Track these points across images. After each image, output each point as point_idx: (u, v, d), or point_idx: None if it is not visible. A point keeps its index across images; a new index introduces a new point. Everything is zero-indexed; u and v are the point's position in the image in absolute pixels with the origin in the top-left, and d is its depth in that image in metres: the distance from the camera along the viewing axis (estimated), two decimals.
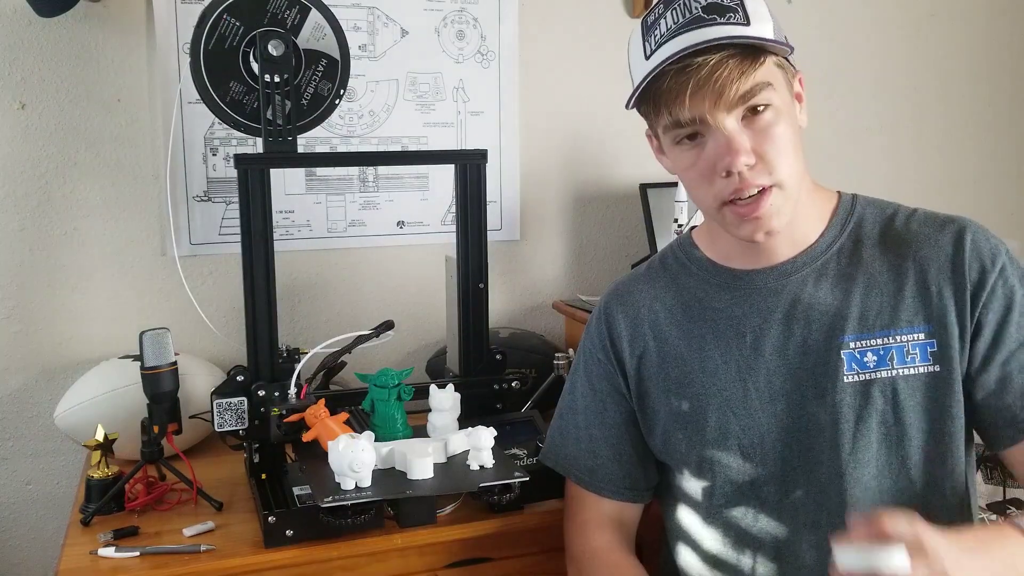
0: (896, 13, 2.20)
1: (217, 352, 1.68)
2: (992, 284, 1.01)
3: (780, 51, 0.98)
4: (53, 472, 1.66)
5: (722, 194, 0.99)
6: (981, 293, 1.01)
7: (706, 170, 0.99)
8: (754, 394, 1.06)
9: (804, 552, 1.04)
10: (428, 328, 1.84)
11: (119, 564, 1.15)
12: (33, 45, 1.58)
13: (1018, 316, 1.02)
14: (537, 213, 1.93)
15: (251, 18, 1.33)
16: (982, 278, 1.01)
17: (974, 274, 1.02)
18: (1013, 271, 1.03)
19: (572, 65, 1.92)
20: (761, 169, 0.98)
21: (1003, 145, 2.34)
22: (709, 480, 1.09)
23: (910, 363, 1.02)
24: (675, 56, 0.95)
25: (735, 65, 0.94)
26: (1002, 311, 1.01)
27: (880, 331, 1.02)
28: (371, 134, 1.79)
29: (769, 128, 0.98)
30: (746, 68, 0.95)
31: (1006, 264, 1.02)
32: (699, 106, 0.96)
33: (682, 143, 1.01)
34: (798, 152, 1.01)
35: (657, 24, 0.99)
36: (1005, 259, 1.03)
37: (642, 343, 1.14)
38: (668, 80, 0.96)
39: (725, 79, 0.94)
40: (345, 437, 1.16)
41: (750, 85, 0.95)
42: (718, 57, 0.94)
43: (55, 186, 1.61)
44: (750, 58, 0.95)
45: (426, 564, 1.23)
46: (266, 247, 1.31)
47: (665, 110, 0.98)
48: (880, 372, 1.02)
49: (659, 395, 1.13)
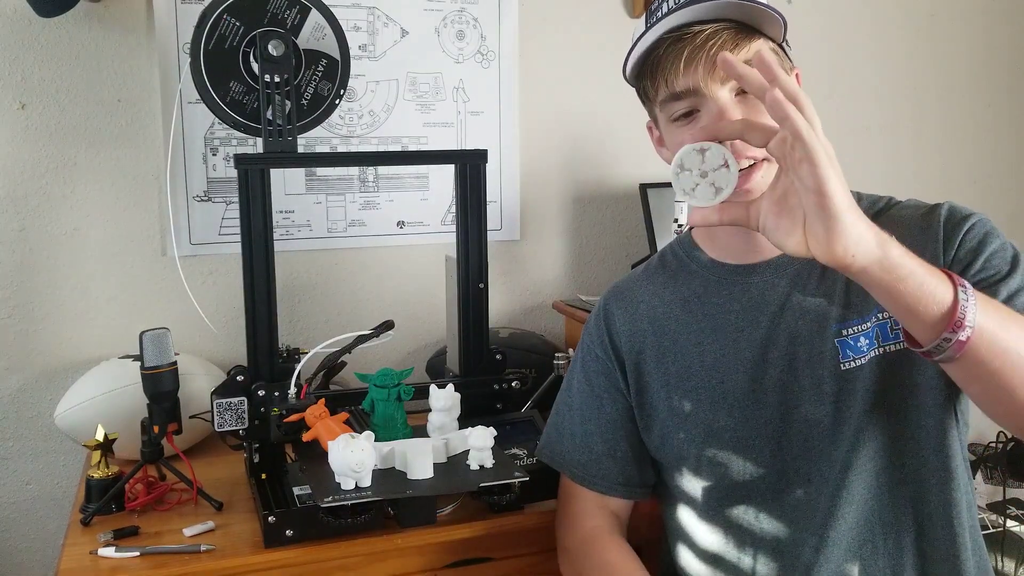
0: (896, 13, 2.20)
1: (217, 352, 1.68)
2: (963, 233, 1.00)
3: (773, 28, 1.00)
4: (53, 472, 1.66)
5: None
6: (953, 241, 1.01)
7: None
8: (752, 387, 1.06)
9: (805, 551, 1.05)
10: (428, 328, 1.85)
11: (119, 564, 1.15)
12: (33, 45, 1.58)
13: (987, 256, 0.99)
14: (537, 213, 1.93)
15: (251, 18, 1.33)
16: (954, 230, 1.01)
17: (946, 231, 1.01)
18: (984, 227, 1.02)
19: (572, 65, 1.92)
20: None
21: (1003, 145, 2.35)
22: (709, 479, 1.09)
23: (894, 339, 1.01)
24: (672, 28, 0.98)
25: (729, 36, 0.98)
26: (971, 252, 1.00)
27: (867, 313, 1.02)
28: (371, 134, 1.79)
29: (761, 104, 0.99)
30: (740, 41, 0.98)
31: (979, 221, 1.02)
32: (693, 75, 0.98)
33: (678, 120, 1.02)
34: None
35: (660, 6, 1.02)
36: (978, 219, 1.02)
37: (641, 338, 1.15)
38: (665, 48, 1.00)
39: (719, 48, 0.97)
40: (345, 437, 1.16)
41: (744, 58, 0.97)
42: (713, 27, 0.98)
43: (55, 186, 1.61)
44: (744, 34, 0.99)
45: (426, 564, 1.23)
46: (266, 247, 1.31)
47: (661, 79, 1.01)
48: (871, 353, 1.02)
49: (658, 390, 1.13)
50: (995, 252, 0.99)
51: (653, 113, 1.09)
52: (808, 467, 1.05)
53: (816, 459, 1.04)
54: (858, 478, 1.03)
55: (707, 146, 0.88)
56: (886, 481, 1.03)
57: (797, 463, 1.05)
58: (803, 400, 1.04)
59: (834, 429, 1.03)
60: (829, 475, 1.04)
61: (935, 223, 1.03)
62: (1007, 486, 1.92)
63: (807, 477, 1.05)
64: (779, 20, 1.00)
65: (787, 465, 1.05)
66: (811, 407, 1.04)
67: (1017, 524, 1.98)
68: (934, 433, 1.03)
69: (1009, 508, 1.99)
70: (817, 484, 1.04)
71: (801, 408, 1.05)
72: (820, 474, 1.04)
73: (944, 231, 1.02)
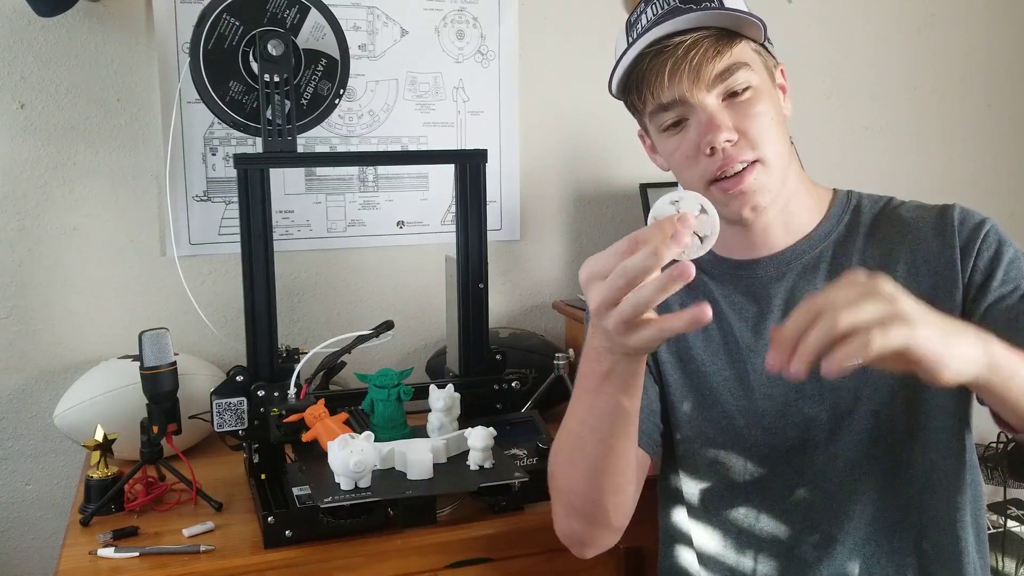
0: (896, 13, 2.20)
1: (217, 352, 1.67)
2: (980, 242, 1.02)
3: (752, 30, 1.00)
4: (53, 472, 1.66)
5: (707, 172, 1.01)
6: (971, 249, 1.02)
7: (691, 151, 1.01)
8: (752, 377, 1.06)
9: (807, 551, 1.04)
10: (428, 328, 1.84)
11: (119, 564, 1.15)
12: (33, 45, 1.58)
13: (1005, 268, 1.01)
14: (537, 213, 1.93)
15: (251, 18, 1.33)
16: (971, 237, 1.02)
17: (963, 237, 1.02)
18: (997, 234, 1.03)
19: (572, 65, 1.91)
20: (744, 145, 0.99)
21: (1003, 145, 2.34)
22: (709, 480, 1.09)
23: None
24: (652, 42, 0.98)
25: (710, 44, 0.98)
26: (990, 262, 1.01)
27: None
28: (371, 134, 1.79)
29: (749, 107, 1.00)
30: (721, 47, 0.98)
31: (992, 228, 1.03)
32: (678, 86, 0.98)
33: (668, 130, 1.03)
34: (782, 133, 1.03)
35: (638, 20, 1.02)
36: (991, 225, 1.04)
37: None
38: (646, 62, 0.99)
39: (701, 57, 0.97)
40: (345, 437, 1.16)
41: (726, 64, 0.98)
42: (693, 38, 0.98)
43: (55, 186, 1.61)
44: (725, 38, 0.99)
45: (426, 564, 1.23)
46: (266, 247, 1.31)
47: (648, 93, 1.01)
48: None
49: (668, 371, 1.12)
50: (1012, 262, 1.01)
51: (643, 123, 1.09)
52: (809, 466, 1.04)
53: (817, 458, 1.04)
54: (862, 478, 1.03)
55: (680, 195, 0.83)
56: (891, 483, 1.03)
57: (797, 462, 1.05)
58: (804, 393, 1.04)
59: (836, 428, 1.03)
60: (831, 475, 1.03)
61: (949, 228, 1.03)
62: (1007, 486, 1.92)
63: (809, 472, 1.04)
64: (758, 24, 1.00)
65: (788, 460, 1.05)
66: (812, 405, 1.04)
67: (1017, 524, 1.98)
68: (944, 437, 1.03)
69: (1009, 508, 1.99)
70: (819, 478, 1.04)
71: (802, 405, 1.04)
72: (822, 474, 1.04)
73: (960, 238, 1.03)
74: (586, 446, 0.95)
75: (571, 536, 1.06)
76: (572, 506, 1.02)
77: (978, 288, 1.01)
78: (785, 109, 1.06)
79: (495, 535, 1.26)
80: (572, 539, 1.06)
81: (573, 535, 1.05)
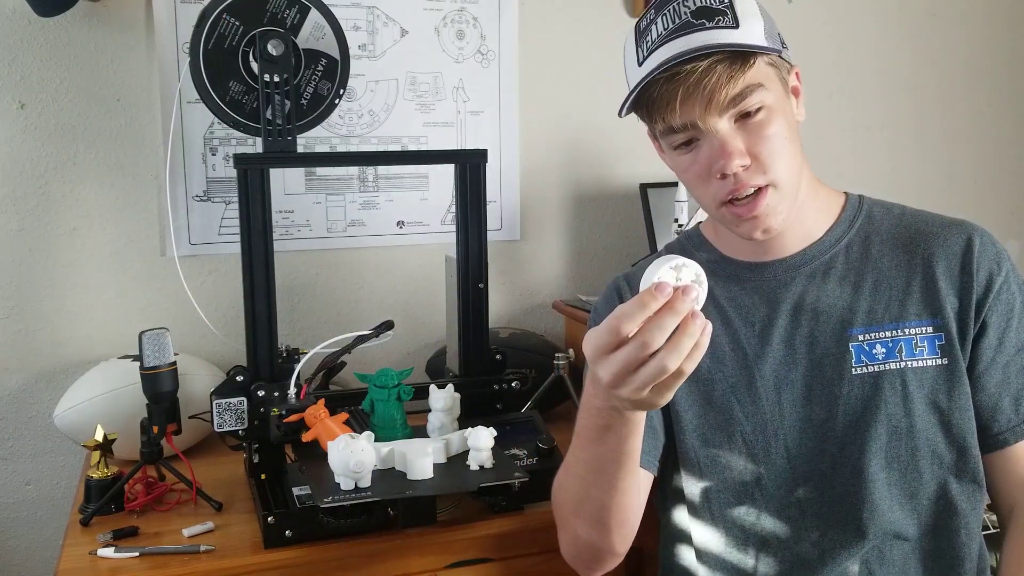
0: (896, 13, 2.19)
1: (217, 352, 1.67)
2: (998, 288, 1.03)
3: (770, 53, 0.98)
4: (53, 472, 1.65)
5: (719, 195, 1.00)
6: (988, 295, 1.03)
7: (702, 172, 1.00)
8: (759, 382, 1.06)
9: (808, 551, 1.04)
10: (428, 328, 1.84)
11: (119, 564, 1.15)
12: (33, 45, 1.57)
13: (1017, 322, 1.04)
14: (537, 213, 1.93)
15: (251, 18, 1.33)
16: (989, 282, 1.03)
17: (982, 277, 1.04)
18: (1015, 279, 1.05)
19: (572, 65, 1.91)
20: (756, 169, 0.98)
21: (1003, 145, 2.34)
22: (711, 480, 1.09)
23: (919, 355, 1.03)
24: (663, 66, 0.95)
25: (723, 70, 0.94)
26: (1006, 315, 1.04)
27: (889, 323, 1.04)
28: (371, 134, 1.79)
29: (762, 129, 0.98)
30: (735, 72, 0.95)
31: (1010, 272, 1.05)
32: (690, 112, 0.96)
33: (679, 148, 1.01)
34: (795, 149, 1.02)
35: (649, 30, 0.99)
36: (1009, 266, 1.05)
37: None
38: (658, 88, 0.96)
39: (714, 85, 0.94)
40: (345, 437, 1.16)
41: (740, 88, 0.95)
42: (706, 64, 0.94)
43: (55, 186, 1.61)
44: (739, 61, 0.95)
45: (426, 564, 1.23)
46: (266, 247, 1.31)
47: (658, 116, 0.99)
48: (889, 364, 1.03)
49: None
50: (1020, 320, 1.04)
51: (654, 133, 1.07)
52: (814, 465, 1.04)
53: (823, 456, 1.04)
54: (866, 482, 1.02)
55: (680, 262, 0.80)
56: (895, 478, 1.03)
57: (803, 459, 1.05)
58: (812, 398, 1.04)
59: (844, 433, 1.03)
60: (835, 477, 1.03)
61: (971, 256, 1.04)
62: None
63: (813, 475, 1.04)
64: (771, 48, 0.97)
65: (793, 463, 1.05)
66: (817, 407, 1.04)
67: None
68: (955, 448, 1.04)
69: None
70: (824, 482, 1.04)
71: (809, 407, 1.04)
72: (826, 471, 1.04)
73: (979, 275, 1.04)
74: (591, 489, 0.98)
75: (576, 560, 1.10)
76: (578, 538, 1.06)
77: (990, 345, 1.04)
78: (798, 115, 1.05)
79: (495, 535, 1.26)
80: (577, 563, 1.10)
81: (578, 560, 1.10)
